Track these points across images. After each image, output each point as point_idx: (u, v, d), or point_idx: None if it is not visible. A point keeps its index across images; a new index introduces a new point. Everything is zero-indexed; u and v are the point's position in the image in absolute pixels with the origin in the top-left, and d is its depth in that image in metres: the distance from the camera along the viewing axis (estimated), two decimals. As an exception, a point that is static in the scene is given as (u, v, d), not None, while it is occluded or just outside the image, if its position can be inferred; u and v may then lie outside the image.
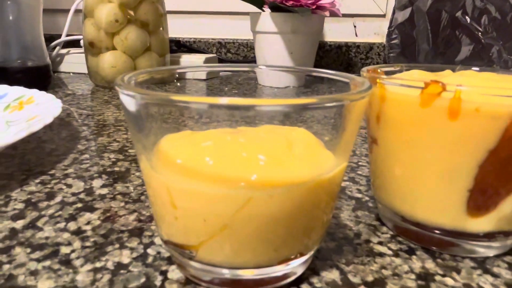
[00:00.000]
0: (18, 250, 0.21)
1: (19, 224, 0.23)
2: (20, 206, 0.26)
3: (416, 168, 0.21)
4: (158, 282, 0.18)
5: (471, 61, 0.85)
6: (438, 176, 0.20)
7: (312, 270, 0.20)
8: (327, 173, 0.17)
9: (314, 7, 0.66)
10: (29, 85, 0.62)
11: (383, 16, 0.91)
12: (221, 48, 0.93)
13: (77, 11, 0.77)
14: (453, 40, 0.87)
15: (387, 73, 0.25)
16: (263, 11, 0.70)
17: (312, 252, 0.19)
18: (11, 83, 0.48)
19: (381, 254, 0.21)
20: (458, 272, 0.20)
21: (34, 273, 0.19)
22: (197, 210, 0.16)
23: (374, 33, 0.92)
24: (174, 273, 0.19)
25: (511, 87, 0.19)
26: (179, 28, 0.92)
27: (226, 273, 0.17)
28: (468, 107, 0.18)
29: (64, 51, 0.83)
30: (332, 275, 0.19)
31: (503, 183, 0.19)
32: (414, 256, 0.21)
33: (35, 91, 0.45)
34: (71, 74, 0.82)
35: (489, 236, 0.20)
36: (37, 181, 0.29)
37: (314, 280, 0.19)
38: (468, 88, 0.17)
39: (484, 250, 0.21)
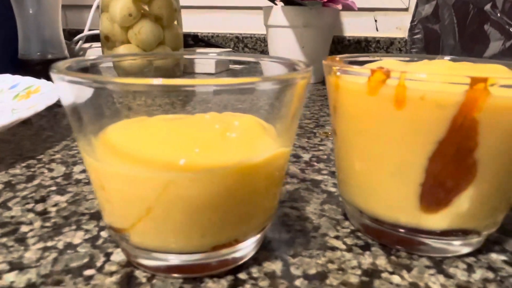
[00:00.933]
0: (-19, 226, 0.22)
1: (-8, 203, 0.25)
2: (0, 187, 0.27)
3: (369, 160, 0.20)
4: (99, 263, 0.19)
5: (501, 57, 0.80)
6: (390, 169, 0.19)
7: (255, 260, 0.19)
8: (258, 157, 0.16)
9: (325, 0, 0.64)
10: (48, 77, 0.66)
11: (406, 10, 0.87)
12: (239, 43, 0.93)
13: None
14: (481, 35, 0.82)
15: (357, 63, 0.24)
16: (276, 4, 0.70)
17: (253, 240, 0.19)
18: (31, 75, 0.50)
19: (333, 248, 0.21)
20: (409, 270, 0.19)
21: (-12, 248, 0.20)
22: (122, 192, 0.16)
23: (396, 27, 0.89)
24: (118, 255, 0.19)
25: (466, 74, 0.18)
26: (198, 23, 0.93)
27: (160, 257, 0.18)
28: (413, 95, 0.17)
29: (86, 45, 0.86)
30: (274, 266, 0.19)
31: (455, 177, 0.18)
32: (367, 252, 0.20)
33: (43, 81, 0.47)
34: (93, 67, 0.85)
35: (447, 233, 0.19)
36: (24, 164, 0.31)
37: (254, 269, 0.19)
38: (412, 75, 0.16)
39: (444, 247, 0.20)
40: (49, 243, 0.20)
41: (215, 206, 0.16)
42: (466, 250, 0.20)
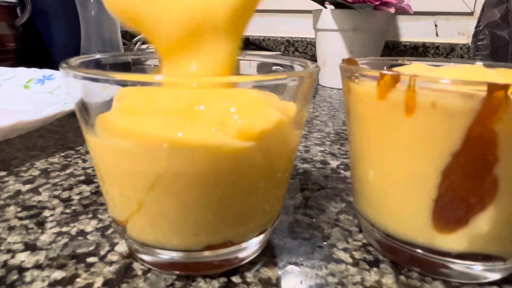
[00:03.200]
0: (11, 208, 0.24)
1: (26, 187, 0.27)
2: (36, 173, 0.29)
3: (380, 170, 0.18)
4: (103, 252, 0.20)
5: None
6: (401, 181, 0.17)
7: (253, 264, 0.19)
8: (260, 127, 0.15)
9: (377, 3, 0.62)
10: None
11: (471, 14, 0.81)
12: (289, 47, 0.92)
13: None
14: (558, 42, 0.74)
15: (387, 66, 0.23)
16: (325, 8, 0.68)
17: (252, 243, 0.18)
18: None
19: (338, 261, 0.19)
20: (417, 293, 0.17)
21: (11, 228, 0.21)
22: (115, 184, 0.16)
23: (458, 33, 0.83)
24: (122, 246, 0.20)
25: (488, 79, 0.16)
26: (249, 26, 0.94)
27: (154, 252, 0.18)
28: (424, 101, 0.15)
29: (144, 46, 0.91)
30: (271, 272, 0.18)
31: (472, 194, 0.16)
32: (375, 269, 0.19)
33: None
34: (152, 66, 0.90)
35: (465, 257, 0.17)
36: (62, 154, 0.33)
37: (249, 274, 0.18)
38: (423, 79, 0.15)
39: (463, 273, 0.18)
40: (64, 229, 0.22)
41: (209, 201, 0.16)
42: (490, 276, 0.18)
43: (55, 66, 0.64)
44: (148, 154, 0.15)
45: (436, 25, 0.84)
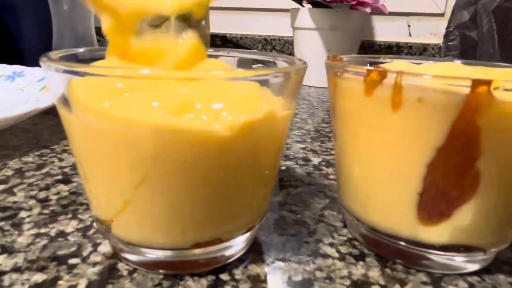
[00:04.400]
0: (-16, 209, 0.23)
1: (-1, 188, 0.25)
2: (10, 173, 0.28)
3: (365, 165, 0.19)
4: (85, 253, 0.19)
5: (544, 67, 0.75)
6: (387, 175, 0.18)
7: (241, 261, 0.19)
8: (252, 115, 0.15)
9: (354, 2, 0.63)
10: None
11: (442, 15, 0.84)
12: (267, 45, 0.93)
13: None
14: (524, 43, 0.78)
15: (370, 64, 0.23)
16: (303, 6, 0.69)
17: (239, 241, 0.18)
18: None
19: (325, 256, 0.20)
20: (403, 285, 0.18)
21: (-15, 231, 0.20)
22: (100, 182, 0.16)
23: (430, 33, 0.85)
24: (105, 246, 0.19)
25: (468, 75, 0.16)
26: (227, 24, 0.93)
27: (141, 252, 0.17)
28: (410, 96, 0.15)
29: (119, 43, 0.89)
30: (259, 269, 0.18)
31: (456, 188, 0.16)
32: (361, 262, 0.19)
33: (69, 75, 0.49)
34: (123, 64, 0.88)
35: (448, 249, 0.18)
36: (37, 153, 0.32)
37: (237, 271, 0.18)
38: (409, 75, 0.15)
39: (445, 264, 0.18)
40: (43, 230, 0.21)
41: (197, 198, 0.16)
42: (470, 267, 0.19)
43: (25, 63, 0.61)
44: (134, 142, 0.14)
45: (409, 26, 0.86)
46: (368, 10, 0.64)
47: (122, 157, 0.15)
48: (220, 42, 0.89)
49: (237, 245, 0.18)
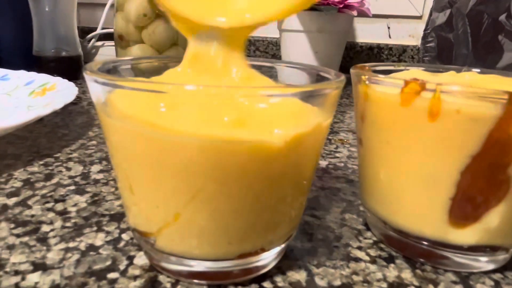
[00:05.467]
0: (3, 224, 0.22)
1: (12, 201, 0.24)
2: (18, 184, 0.27)
3: (397, 172, 0.19)
4: (122, 266, 0.19)
5: (514, 68, 0.80)
6: (419, 181, 0.19)
7: (279, 268, 0.19)
8: (299, 129, 0.15)
9: (341, 6, 0.64)
10: (61, 73, 0.66)
11: (419, 17, 0.87)
12: (250, 46, 0.93)
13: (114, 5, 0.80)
14: (495, 45, 0.82)
15: (385, 72, 0.24)
16: (290, 9, 0.70)
17: (278, 249, 0.19)
18: (45, 71, 0.50)
19: (357, 259, 0.20)
20: (436, 285, 0.19)
21: (10, 247, 0.20)
22: (150, 197, 0.16)
23: (409, 35, 0.88)
24: (141, 259, 0.19)
25: (502, 88, 0.17)
26: (210, 25, 0.93)
27: (184, 262, 0.17)
28: (448, 108, 0.16)
29: (99, 43, 0.87)
30: (299, 275, 0.19)
31: (487, 193, 0.17)
32: (392, 265, 0.20)
33: (58, 79, 0.47)
34: (104, 65, 0.85)
35: (475, 249, 0.19)
36: (41, 162, 0.31)
37: (278, 279, 0.19)
38: (448, 88, 0.16)
39: (470, 263, 0.20)
40: (71, 244, 0.20)
41: (245, 208, 0.16)
42: (491, 266, 0.20)
43: (2, 63, 0.58)
44: (193, 154, 0.14)
45: (389, 28, 0.89)
46: (355, 13, 0.65)
47: (179, 170, 0.15)
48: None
49: (274, 254, 0.19)
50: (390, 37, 0.89)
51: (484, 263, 0.20)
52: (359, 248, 0.21)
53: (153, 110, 0.15)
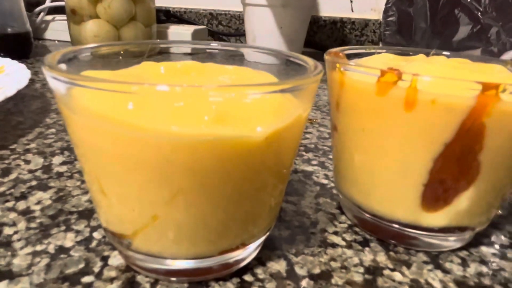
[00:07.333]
0: (-41, 229, 0.20)
1: (-34, 201, 0.23)
2: (-28, 182, 0.25)
3: (372, 158, 0.20)
4: (96, 268, 0.18)
5: (469, 42, 0.82)
6: (393, 168, 0.19)
7: (259, 260, 0.19)
8: (280, 123, 0.15)
9: (305, -21, 0.63)
10: (9, 52, 0.61)
11: (381, -9, 0.87)
12: (212, 20, 0.90)
13: (61, -25, 0.74)
14: (452, 19, 0.84)
15: (356, 55, 0.24)
16: (254, -18, 0.67)
17: (258, 242, 0.18)
18: (-11, 50, 0.46)
19: (334, 245, 0.21)
20: (409, 266, 0.20)
21: (-30, 255, 0.18)
22: (125, 198, 0.15)
23: (371, 9, 0.89)
24: (116, 259, 0.19)
25: (474, 77, 0.18)
26: (170, -3, 0.88)
27: (163, 262, 0.17)
28: (424, 98, 0.16)
29: (49, 17, 0.81)
30: (279, 266, 0.19)
31: (458, 178, 0.18)
32: (367, 248, 0.21)
33: (7, 60, 0.43)
34: (56, 42, 0.80)
35: (445, 230, 0.20)
36: (-4, 156, 0.29)
37: (259, 270, 0.19)
38: (425, 78, 0.16)
39: (440, 243, 0.21)
40: (38, 247, 0.19)
41: (227, 205, 0.15)
42: (458, 245, 0.21)
43: None
44: (170, 153, 0.14)
45: (351, 1, 0.89)
46: (319, -13, 0.64)
47: (157, 171, 0.14)
48: (164, 17, 0.84)
49: (256, 246, 0.19)
50: (352, 10, 0.89)
51: (452, 242, 0.21)
52: (335, 233, 0.22)
53: (123, 106, 0.14)
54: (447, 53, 0.24)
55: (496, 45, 0.82)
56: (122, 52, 0.21)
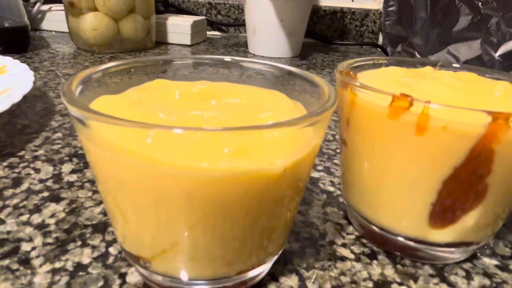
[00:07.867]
0: (-23, 246, 0.21)
1: (-19, 215, 0.23)
2: (-15, 194, 0.25)
3: (381, 176, 0.20)
4: (116, 286, 0.19)
5: (468, 32, 0.82)
6: (402, 187, 0.20)
7: (272, 275, 0.20)
8: (299, 154, 0.15)
9: (307, -29, 0.62)
10: (6, 47, 0.60)
11: (382, -20, 0.86)
12: (211, 9, 0.89)
13: (57, -35, 0.72)
14: (452, 9, 0.84)
15: (364, 67, 0.24)
16: (254, -27, 0.66)
17: (273, 260, 0.19)
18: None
19: (343, 258, 0.21)
20: (416, 280, 0.20)
21: (-9, 274, 0.19)
22: (145, 225, 0.16)
23: (371, -2, 0.88)
24: (133, 276, 0.19)
25: (484, 100, 0.18)
26: (167, -14, 0.87)
27: (181, 283, 0.17)
28: (436, 124, 0.17)
29: (45, 7, 0.79)
30: (291, 281, 0.20)
31: (466, 199, 0.19)
32: (375, 261, 0.21)
33: (8, 60, 0.43)
34: (53, 32, 0.79)
35: (451, 245, 0.21)
36: (5, 164, 0.29)
37: (272, 287, 0.19)
38: (436, 106, 0.17)
39: (445, 256, 0.21)
40: (57, 265, 0.20)
41: (245, 232, 0.16)
42: (463, 257, 0.22)
43: None
44: (192, 188, 0.14)
45: (352, -10, 0.88)
46: (321, -21, 0.64)
47: (176, 204, 0.14)
48: (163, 7, 0.83)
49: (270, 263, 0.19)
50: (353, 0, 0.89)
51: (457, 254, 0.22)
52: (344, 245, 0.23)
53: (143, 140, 0.14)
54: (457, 65, 0.24)
55: (495, 35, 0.82)
56: (133, 70, 0.21)
